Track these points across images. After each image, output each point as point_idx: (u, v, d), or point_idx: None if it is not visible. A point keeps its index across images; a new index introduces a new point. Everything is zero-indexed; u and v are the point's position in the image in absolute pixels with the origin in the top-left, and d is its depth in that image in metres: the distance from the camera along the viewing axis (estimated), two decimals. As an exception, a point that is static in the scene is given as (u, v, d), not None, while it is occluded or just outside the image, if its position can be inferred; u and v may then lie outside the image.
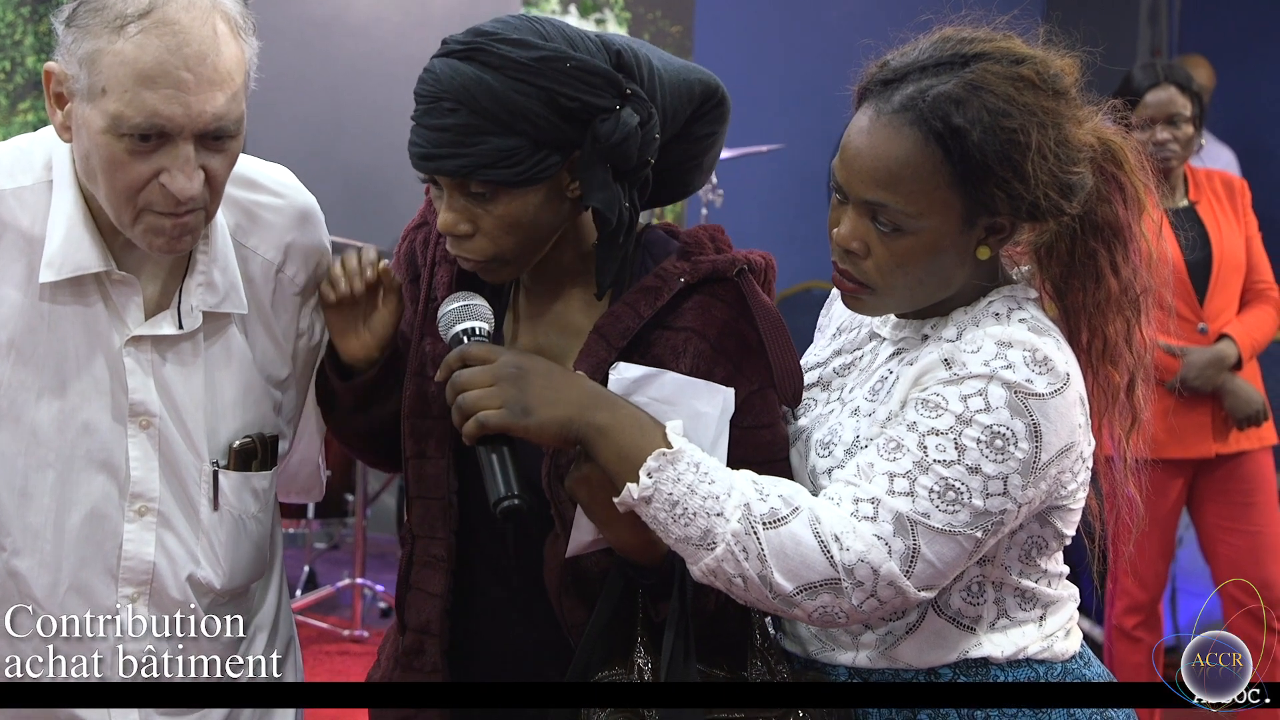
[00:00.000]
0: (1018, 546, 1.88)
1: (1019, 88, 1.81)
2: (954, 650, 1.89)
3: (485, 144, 1.82)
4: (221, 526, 2.00)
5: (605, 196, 1.88)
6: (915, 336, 1.93)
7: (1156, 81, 4.21)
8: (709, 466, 1.75)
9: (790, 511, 1.73)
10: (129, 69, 1.78)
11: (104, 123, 1.80)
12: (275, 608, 2.14)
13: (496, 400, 1.75)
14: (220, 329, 2.00)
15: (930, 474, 1.75)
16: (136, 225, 1.85)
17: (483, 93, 1.82)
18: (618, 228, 1.91)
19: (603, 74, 1.85)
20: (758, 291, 1.97)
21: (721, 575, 1.73)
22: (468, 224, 1.88)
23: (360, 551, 5.38)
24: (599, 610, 1.88)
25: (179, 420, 1.96)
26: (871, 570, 1.72)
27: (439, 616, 2.00)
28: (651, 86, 1.92)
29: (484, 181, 1.84)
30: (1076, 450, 1.82)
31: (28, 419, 1.91)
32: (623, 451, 1.75)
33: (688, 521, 1.72)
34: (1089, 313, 1.90)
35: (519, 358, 1.79)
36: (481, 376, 1.77)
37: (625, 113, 1.86)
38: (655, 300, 1.93)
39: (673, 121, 1.95)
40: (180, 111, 1.79)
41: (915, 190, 1.80)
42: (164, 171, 1.81)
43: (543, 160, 1.84)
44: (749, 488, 1.74)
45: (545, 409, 1.75)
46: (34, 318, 1.91)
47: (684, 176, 2.04)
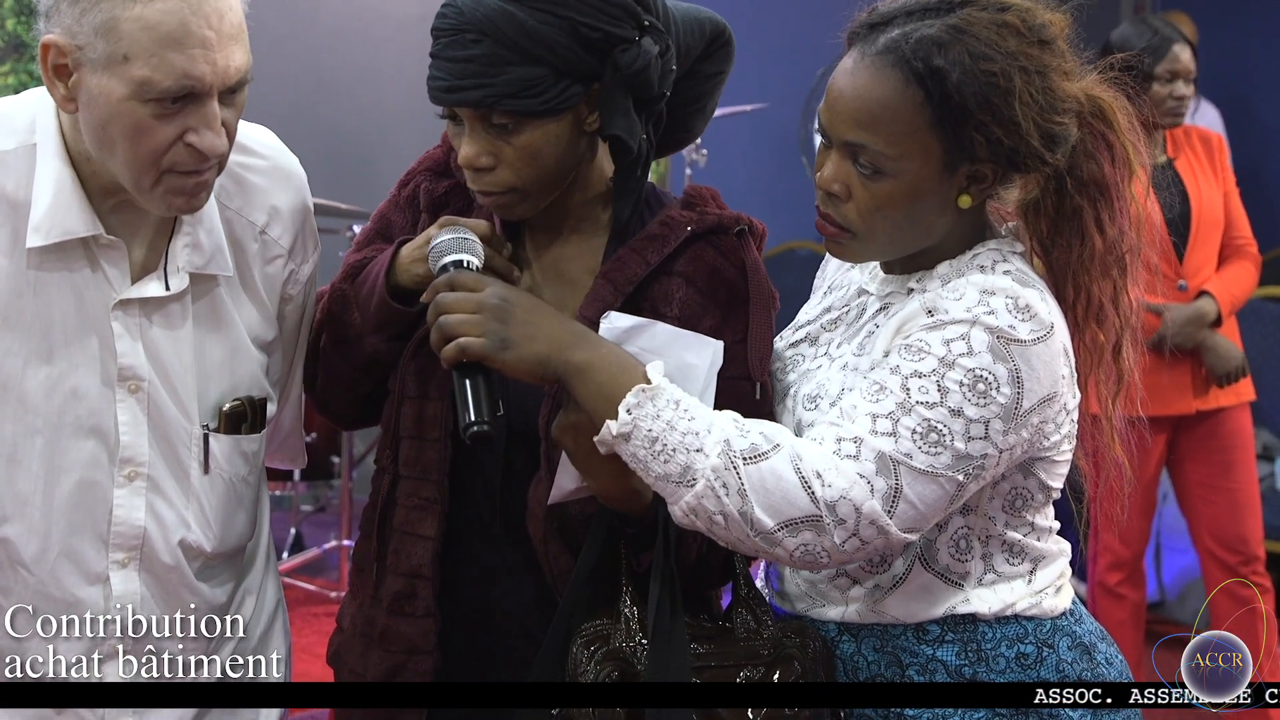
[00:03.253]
0: (1001, 497, 1.89)
1: (1003, 34, 1.82)
2: (941, 605, 1.90)
3: (508, 74, 1.85)
4: (212, 490, 2.01)
5: (626, 124, 1.93)
6: (901, 290, 1.94)
7: (1178, 38, 4.22)
8: (689, 404, 1.75)
9: (771, 448, 1.74)
10: (152, 33, 1.78)
11: (128, 90, 1.79)
12: (263, 570, 2.15)
13: (478, 329, 1.77)
14: (207, 291, 2.00)
15: (913, 415, 1.76)
16: (157, 188, 1.85)
17: (506, 23, 1.85)
18: (636, 158, 1.96)
19: (622, 5, 1.90)
20: (755, 254, 2.01)
21: (702, 513, 1.74)
22: (489, 156, 1.91)
23: (346, 514, 5.39)
24: (583, 558, 1.89)
25: (168, 383, 1.96)
26: (854, 508, 1.73)
27: (431, 560, 2.00)
28: (666, 20, 1.97)
29: (507, 112, 1.87)
30: (1060, 400, 1.83)
31: (15, 386, 1.91)
32: (602, 389, 1.76)
33: (667, 458, 1.73)
34: (1074, 270, 1.91)
35: (505, 290, 1.81)
36: (466, 303, 1.78)
37: (645, 42, 1.91)
38: (662, 247, 1.97)
39: (685, 57, 2.00)
40: (209, 70, 1.80)
41: (895, 131, 1.82)
42: (190, 131, 1.82)
43: (565, 90, 1.88)
44: (729, 425, 1.75)
45: (525, 344, 1.77)
46: (20, 283, 1.90)
47: (688, 120, 2.08)
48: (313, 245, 2.13)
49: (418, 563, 2.00)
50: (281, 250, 2.07)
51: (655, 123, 2.00)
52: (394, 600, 2.02)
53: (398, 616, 2.01)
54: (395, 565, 2.02)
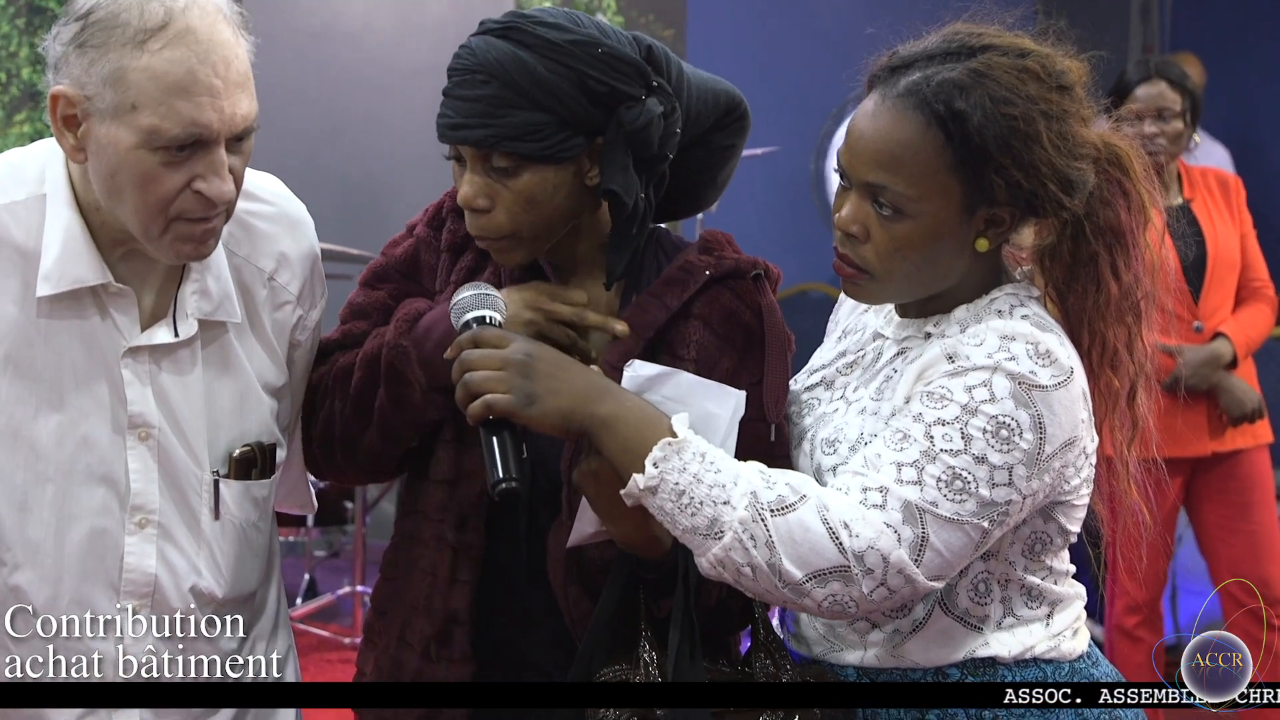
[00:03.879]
0: (1021, 542, 1.89)
1: (1023, 78, 1.83)
2: (961, 649, 1.89)
3: (513, 117, 1.88)
4: (223, 536, 2.01)
5: (624, 181, 1.93)
6: (918, 335, 1.94)
7: (1147, 76, 4.24)
8: (715, 456, 1.75)
9: (798, 499, 1.74)
10: (160, 82, 1.80)
11: (137, 138, 1.81)
12: (275, 615, 2.15)
13: (503, 385, 1.77)
14: (216, 338, 2.00)
15: (938, 463, 1.76)
16: (165, 236, 1.87)
17: (516, 67, 1.88)
18: (632, 215, 1.96)
19: (632, 63, 1.92)
20: (771, 297, 2.02)
21: (730, 565, 1.74)
22: (486, 198, 1.93)
23: (360, 559, 5.38)
24: (603, 603, 1.89)
25: (178, 430, 1.96)
26: (881, 557, 1.73)
27: (468, 604, 2.00)
28: (679, 85, 1.99)
29: (508, 154, 1.89)
30: (1080, 445, 1.83)
31: (26, 434, 1.91)
32: (627, 443, 1.76)
33: (694, 511, 1.73)
34: (1090, 316, 1.91)
35: (529, 345, 1.81)
36: (491, 359, 1.79)
37: (650, 101, 1.93)
38: (682, 292, 1.99)
39: (695, 124, 2.02)
40: (216, 117, 1.82)
41: (916, 173, 1.82)
42: (198, 178, 1.84)
43: (567, 140, 1.90)
44: (756, 476, 1.75)
45: (550, 398, 1.77)
46: (31, 332, 1.91)
47: (698, 190, 2.09)
48: (321, 291, 2.13)
49: (455, 606, 2.00)
50: (290, 296, 2.08)
51: (657, 184, 2.00)
52: (427, 644, 2.01)
53: (431, 662, 2.01)
54: (428, 607, 2.01)
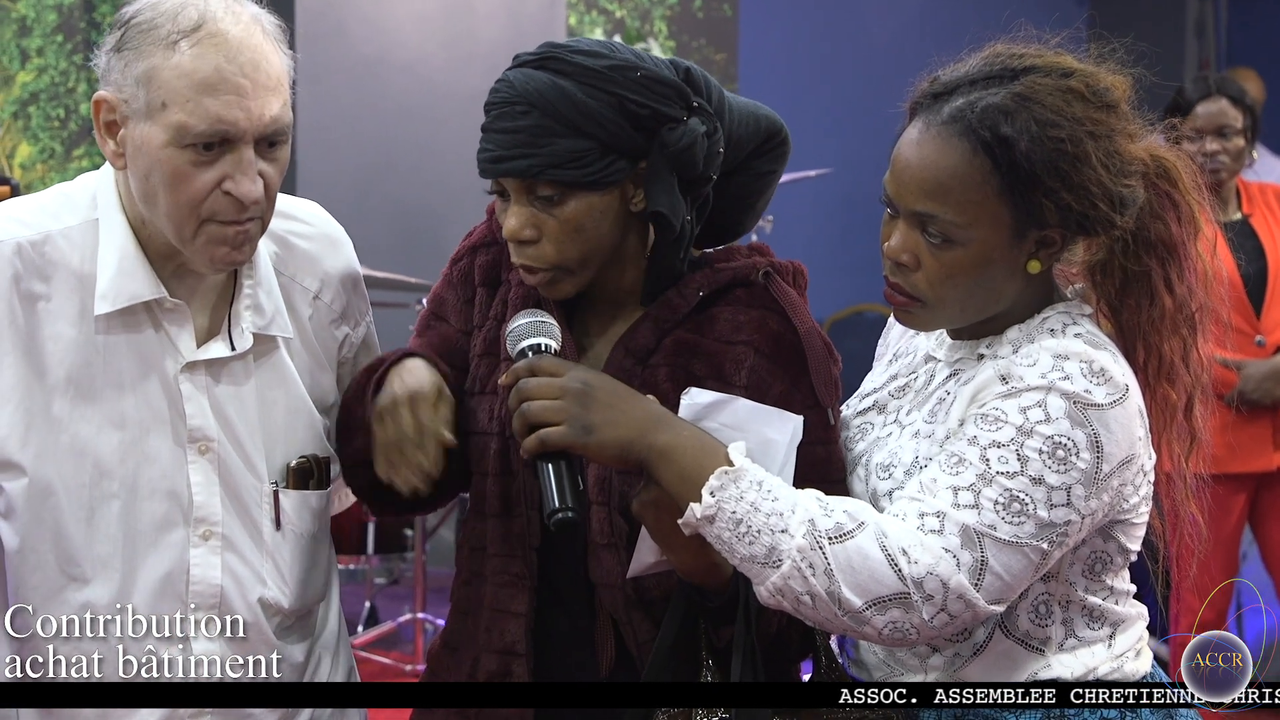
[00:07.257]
0: (1081, 562, 1.87)
1: (1068, 99, 1.82)
2: (1023, 672, 1.87)
3: (555, 145, 1.87)
4: (285, 545, 2.03)
5: (670, 202, 1.93)
6: (971, 356, 1.93)
7: (1208, 93, 4.21)
8: (772, 484, 1.75)
9: (856, 526, 1.73)
10: (188, 80, 1.85)
11: (166, 135, 1.86)
12: (337, 632, 2.16)
13: (560, 415, 1.77)
14: (269, 352, 2.03)
15: (994, 486, 1.75)
16: (198, 238, 1.90)
17: (555, 95, 1.87)
18: (679, 239, 1.95)
19: (671, 84, 1.92)
20: (788, 290, 2.01)
21: (789, 593, 1.73)
22: (533, 229, 1.91)
23: (420, 586, 5.39)
24: (663, 632, 1.88)
25: (236, 443, 1.99)
26: (941, 583, 1.72)
27: (524, 636, 1.99)
28: (720, 107, 1.98)
29: (552, 182, 1.88)
30: (1137, 462, 1.82)
31: (91, 451, 1.94)
32: (685, 472, 1.75)
33: (752, 539, 1.72)
34: (1144, 331, 1.90)
35: (587, 375, 1.81)
36: (548, 389, 1.78)
37: (692, 122, 1.93)
38: (673, 312, 1.98)
39: (737, 149, 2.01)
40: (242, 115, 1.86)
41: (964, 201, 1.81)
42: (227, 179, 1.87)
43: (610, 165, 1.89)
44: (813, 504, 1.75)
45: (607, 429, 1.77)
46: (89, 352, 1.95)
47: (737, 215, 2.08)
48: (365, 309, 2.17)
49: (511, 639, 1.99)
50: (335, 315, 2.11)
51: (700, 207, 1.99)
52: (490, 679, 2.01)
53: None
54: (488, 644, 2.02)
